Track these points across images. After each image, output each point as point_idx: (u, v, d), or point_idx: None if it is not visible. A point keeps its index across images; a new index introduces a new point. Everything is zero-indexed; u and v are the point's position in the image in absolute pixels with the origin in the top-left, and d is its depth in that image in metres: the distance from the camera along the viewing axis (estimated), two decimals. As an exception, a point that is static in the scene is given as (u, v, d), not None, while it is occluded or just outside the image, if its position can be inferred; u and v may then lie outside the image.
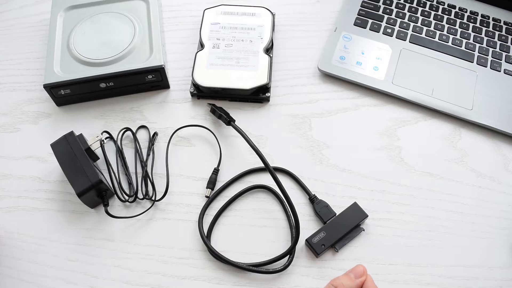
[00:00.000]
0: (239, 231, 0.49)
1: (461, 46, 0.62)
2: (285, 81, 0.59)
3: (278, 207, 0.51)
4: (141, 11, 0.59)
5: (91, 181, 0.46)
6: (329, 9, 0.66)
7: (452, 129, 0.56)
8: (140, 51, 0.56)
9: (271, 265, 0.47)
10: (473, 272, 0.48)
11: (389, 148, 0.55)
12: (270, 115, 0.57)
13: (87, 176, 0.46)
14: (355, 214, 0.49)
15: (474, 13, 0.65)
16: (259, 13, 0.61)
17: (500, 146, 0.55)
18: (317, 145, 0.55)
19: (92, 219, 0.50)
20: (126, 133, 0.55)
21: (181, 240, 0.49)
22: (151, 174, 0.51)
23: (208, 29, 0.59)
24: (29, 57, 0.61)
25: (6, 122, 0.56)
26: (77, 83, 0.53)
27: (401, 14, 0.64)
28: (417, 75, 0.59)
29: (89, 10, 0.59)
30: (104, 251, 0.48)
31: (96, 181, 0.46)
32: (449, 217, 0.51)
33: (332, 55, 0.60)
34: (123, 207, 0.50)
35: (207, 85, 0.55)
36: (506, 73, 0.60)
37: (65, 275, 0.46)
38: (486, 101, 0.57)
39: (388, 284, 0.47)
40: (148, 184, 0.51)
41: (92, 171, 0.46)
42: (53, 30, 0.57)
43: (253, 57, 0.57)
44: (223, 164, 0.53)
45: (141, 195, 0.50)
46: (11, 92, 0.58)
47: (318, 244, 0.47)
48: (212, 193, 0.51)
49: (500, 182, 0.53)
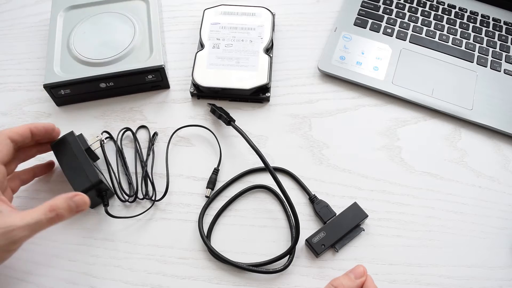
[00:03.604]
0: (239, 231, 0.49)
1: (461, 46, 0.62)
2: (285, 81, 0.59)
3: (278, 207, 0.51)
4: (141, 11, 0.59)
5: (91, 181, 0.46)
6: (329, 9, 0.66)
7: (452, 129, 0.56)
8: (140, 51, 0.56)
9: (271, 265, 0.47)
10: (473, 272, 0.48)
11: (389, 148, 0.55)
12: (270, 115, 0.57)
13: (87, 176, 0.46)
14: (355, 214, 0.49)
15: (474, 13, 0.65)
16: (259, 13, 0.61)
17: (500, 146, 0.55)
18: (317, 145, 0.55)
19: (92, 219, 0.50)
20: (126, 133, 0.55)
21: (181, 240, 0.49)
22: (151, 174, 0.51)
23: (208, 29, 0.59)
24: (29, 57, 0.61)
25: (6, 122, 0.56)
26: (77, 83, 0.53)
27: (401, 14, 0.64)
28: (417, 75, 0.59)
29: (89, 10, 0.59)
30: (104, 251, 0.48)
31: (96, 181, 0.46)
32: (449, 217, 0.51)
33: (332, 55, 0.60)
34: (123, 207, 0.50)
35: (207, 85, 0.55)
36: (506, 73, 0.60)
37: (65, 275, 0.46)
38: (486, 101, 0.57)
39: (388, 284, 0.47)
40: (148, 184, 0.51)
41: (92, 171, 0.46)
42: (53, 30, 0.57)
43: (253, 57, 0.57)
44: (223, 164, 0.53)
45: (141, 195, 0.50)
46: (11, 92, 0.58)
47: (318, 244, 0.47)
48: (212, 193, 0.51)
49: (500, 182, 0.53)
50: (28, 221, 0.38)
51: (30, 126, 0.45)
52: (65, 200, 0.40)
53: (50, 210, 0.39)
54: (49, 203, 0.40)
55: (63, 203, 0.40)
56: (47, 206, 0.39)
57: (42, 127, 0.46)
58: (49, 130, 0.47)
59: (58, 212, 0.39)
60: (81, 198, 0.41)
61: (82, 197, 0.41)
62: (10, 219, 0.38)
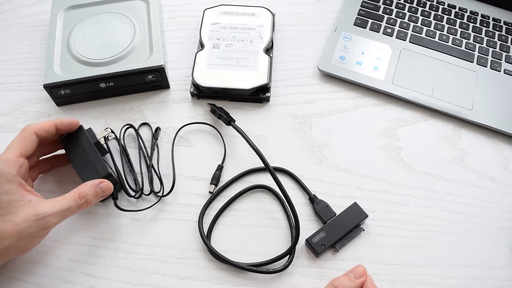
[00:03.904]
0: (239, 231, 0.49)
1: (461, 46, 0.62)
2: (285, 81, 0.59)
3: (278, 207, 0.51)
4: (141, 11, 0.59)
5: (100, 174, 0.46)
6: (329, 9, 0.66)
7: (452, 129, 0.56)
8: (140, 51, 0.56)
9: (271, 265, 0.47)
10: (473, 272, 0.48)
11: (389, 148, 0.55)
12: (270, 115, 0.57)
13: (96, 170, 0.46)
14: (355, 214, 0.49)
15: (474, 13, 0.65)
16: (259, 13, 0.61)
17: (500, 146, 0.55)
18: (317, 145, 0.55)
19: (92, 219, 0.50)
20: (127, 132, 0.55)
21: (181, 240, 0.49)
22: (157, 168, 0.52)
23: (208, 29, 0.59)
24: (29, 57, 0.61)
25: (6, 122, 0.56)
26: (77, 83, 0.53)
27: (401, 14, 0.64)
28: (417, 75, 0.59)
29: (89, 10, 0.59)
30: (104, 251, 0.48)
31: (106, 174, 0.46)
32: (449, 217, 0.51)
33: (332, 55, 0.60)
34: (128, 204, 0.50)
35: (207, 85, 0.55)
36: (506, 73, 0.60)
37: (65, 275, 0.46)
38: (486, 101, 0.57)
39: (388, 284, 0.47)
40: (153, 180, 0.51)
41: (101, 165, 0.47)
42: (53, 30, 0.57)
43: (253, 57, 0.57)
44: (223, 166, 0.53)
45: (147, 191, 0.50)
46: (11, 92, 0.58)
47: (318, 244, 0.47)
48: (216, 189, 0.51)
49: (500, 182, 0.53)
50: (59, 208, 0.42)
51: (55, 121, 0.47)
52: (92, 187, 0.44)
53: (80, 197, 0.43)
54: (78, 190, 0.44)
55: (91, 190, 0.44)
56: (76, 193, 0.43)
57: (67, 122, 0.48)
58: (74, 126, 0.48)
59: (87, 198, 0.44)
60: (106, 184, 0.45)
61: (107, 183, 0.46)
62: (41, 207, 0.41)
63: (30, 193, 0.42)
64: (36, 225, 0.40)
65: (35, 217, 0.40)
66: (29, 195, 0.42)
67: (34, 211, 0.40)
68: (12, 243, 0.40)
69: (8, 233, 0.39)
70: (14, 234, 0.39)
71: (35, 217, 0.40)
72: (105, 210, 0.50)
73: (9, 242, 0.39)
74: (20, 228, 0.39)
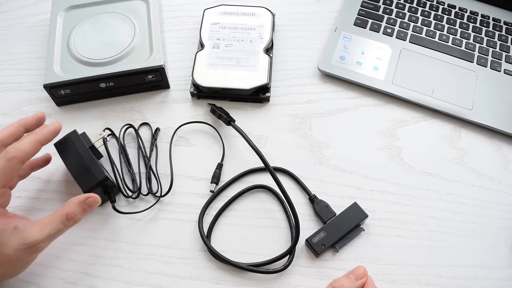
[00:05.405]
0: (239, 231, 0.49)
1: (461, 46, 0.62)
2: (285, 81, 0.59)
3: (278, 207, 0.51)
4: (141, 11, 0.59)
5: (97, 178, 0.46)
6: (329, 9, 0.66)
7: (452, 129, 0.56)
8: (140, 51, 0.56)
9: (271, 265, 0.47)
10: (473, 272, 0.48)
11: (389, 148, 0.55)
12: (270, 115, 0.57)
13: (93, 174, 0.46)
14: (355, 214, 0.49)
15: (474, 13, 0.65)
16: (259, 13, 0.61)
17: (500, 146, 0.55)
18: (317, 145, 0.55)
19: (92, 219, 0.50)
20: (127, 131, 0.55)
21: (181, 240, 0.49)
22: (155, 169, 0.52)
23: (208, 29, 0.59)
24: (29, 57, 0.61)
25: (6, 122, 0.56)
26: (77, 83, 0.53)
27: (401, 14, 0.64)
28: (417, 75, 0.59)
29: (89, 10, 0.59)
30: (104, 251, 0.48)
31: (103, 178, 0.46)
32: (449, 217, 0.51)
33: (332, 55, 0.60)
34: (126, 204, 0.50)
35: (207, 85, 0.55)
36: (506, 73, 0.60)
37: (65, 275, 0.46)
38: (486, 101, 0.57)
39: (388, 284, 0.47)
40: (151, 180, 0.51)
41: (98, 169, 0.47)
42: (53, 30, 0.57)
43: (253, 57, 0.57)
44: (223, 164, 0.53)
45: (145, 191, 0.50)
46: (11, 92, 0.58)
47: (318, 244, 0.47)
48: (216, 187, 0.51)
49: (500, 182, 0.53)
50: (47, 232, 0.40)
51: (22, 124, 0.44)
52: (79, 205, 0.42)
53: (68, 219, 0.41)
54: (65, 211, 0.42)
55: (78, 208, 0.42)
56: (63, 214, 0.41)
57: (33, 119, 0.45)
58: (41, 120, 0.45)
59: (75, 218, 0.42)
60: (93, 199, 0.43)
61: (93, 198, 0.43)
62: (30, 235, 0.40)
63: (13, 218, 0.41)
64: (27, 253, 0.40)
65: (25, 246, 0.39)
66: (13, 221, 0.40)
67: (23, 240, 0.39)
68: (6, 271, 0.41)
69: (0, 264, 0.39)
70: (7, 263, 0.40)
71: (25, 246, 0.39)
72: (105, 211, 0.50)
73: (2, 271, 0.40)
74: (12, 257, 0.39)
